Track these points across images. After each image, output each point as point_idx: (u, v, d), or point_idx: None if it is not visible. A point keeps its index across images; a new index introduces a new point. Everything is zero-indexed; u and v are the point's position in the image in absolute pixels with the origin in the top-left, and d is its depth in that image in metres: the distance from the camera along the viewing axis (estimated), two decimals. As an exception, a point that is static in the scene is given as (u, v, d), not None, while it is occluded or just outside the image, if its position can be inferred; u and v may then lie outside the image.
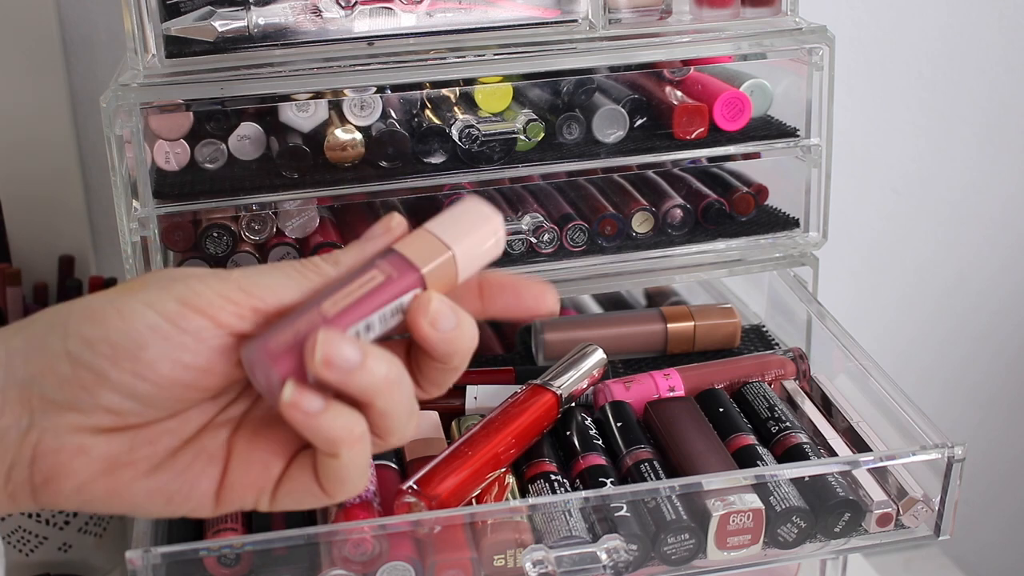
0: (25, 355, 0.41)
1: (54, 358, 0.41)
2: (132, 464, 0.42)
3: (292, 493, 0.45)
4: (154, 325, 0.40)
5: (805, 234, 0.77)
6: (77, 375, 0.40)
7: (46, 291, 0.90)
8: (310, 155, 0.69)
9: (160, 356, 0.40)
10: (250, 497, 0.44)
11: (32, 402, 0.41)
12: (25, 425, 0.41)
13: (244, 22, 0.65)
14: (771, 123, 0.77)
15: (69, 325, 0.41)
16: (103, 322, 0.41)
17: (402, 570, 0.56)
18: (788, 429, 0.65)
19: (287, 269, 0.44)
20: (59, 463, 0.41)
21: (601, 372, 0.69)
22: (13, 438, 0.41)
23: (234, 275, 0.43)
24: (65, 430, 0.41)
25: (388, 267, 0.45)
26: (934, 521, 0.61)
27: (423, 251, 0.46)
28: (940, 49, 1.08)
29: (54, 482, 0.42)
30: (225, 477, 0.44)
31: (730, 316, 0.78)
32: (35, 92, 0.89)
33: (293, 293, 0.43)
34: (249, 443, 0.44)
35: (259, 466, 0.44)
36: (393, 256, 0.45)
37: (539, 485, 0.62)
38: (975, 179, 1.14)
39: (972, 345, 1.22)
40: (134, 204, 0.67)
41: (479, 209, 0.48)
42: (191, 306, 0.41)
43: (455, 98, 0.72)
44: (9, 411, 0.41)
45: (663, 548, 0.58)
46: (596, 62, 0.70)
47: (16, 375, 0.41)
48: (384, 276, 0.44)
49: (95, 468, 0.42)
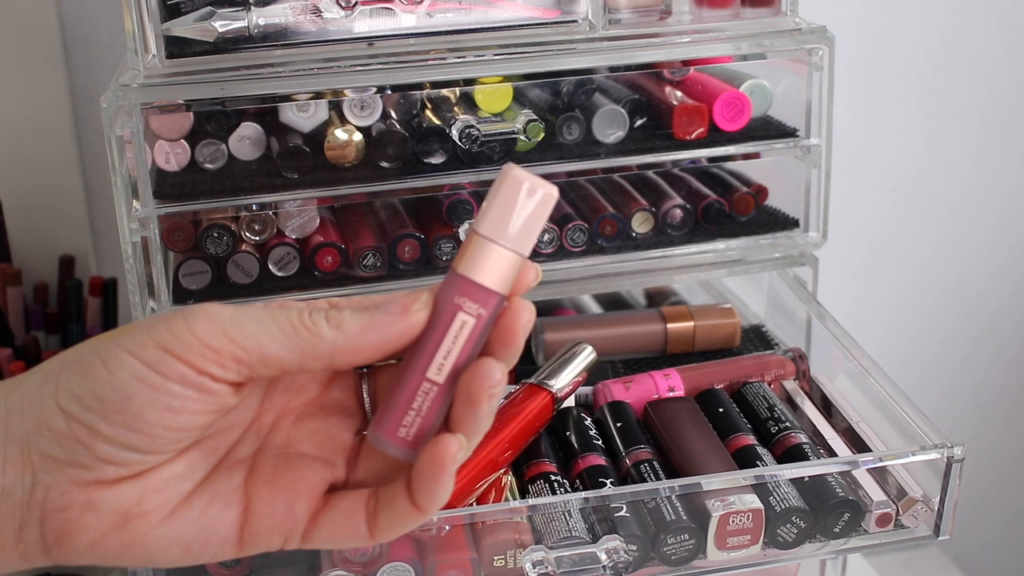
0: (21, 411, 0.41)
1: (48, 413, 0.40)
2: (144, 515, 0.42)
3: (333, 538, 0.44)
4: (137, 374, 0.40)
5: (805, 234, 0.77)
6: (71, 429, 0.40)
7: (46, 291, 0.91)
8: (310, 155, 0.69)
9: (147, 404, 0.40)
10: (277, 539, 0.44)
11: (32, 459, 0.40)
12: (29, 483, 0.40)
13: (244, 22, 0.65)
14: (771, 123, 0.77)
15: (60, 379, 0.40)
16: (90, 374, 0.40)
17: (402, 571, 0.56)
18: (788, 429, 0.65)
19: (281, 321, 0.41)
20: (69, 520, 0.41)
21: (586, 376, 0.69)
22: (19, 497, 0.41)
23: (223, 315, 0.41)
24: (69, 486, 0.40)
25: (473, 306, 0.42)
26: (933, 521, 0.61)
27: (491, 267, 0.42)
28: (940, 49, 1.08)
29: (67, 539, 0.41)
30: (247, 521, 0.43)
31: (730, 316, 0.78)
32: (35, 92, 0.89)
33: (280, 349, 0.41)
34: (269, 485, 0.44)
35: (283, 508, 0.43)
36: (469, 287, 0.42)
37: (539, 485, 0.62)
38: (975, 179, 1.14)
39: (972, 345, 1.22)
40: (134, 204, 0.67)
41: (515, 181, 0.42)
42: (172, 352, 0.40)
43: (455, 98, 0.72)
44: (11, 469, 0.40)
45: (663, 548, 0.58)
46: (596, 62, 0.70)
47: (14, 432, 0.40)
48: (474, 319, 0.42)
49: (107, 522, 0.41)
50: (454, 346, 0.42)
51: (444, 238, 0.73)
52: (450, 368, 0.42)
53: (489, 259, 0.42)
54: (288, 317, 0.41)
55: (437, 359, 0.42)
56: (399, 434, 0.42)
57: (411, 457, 0.42)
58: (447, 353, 0.42)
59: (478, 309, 0.42)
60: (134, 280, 0.68)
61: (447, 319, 0.42)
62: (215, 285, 0.71)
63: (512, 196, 0.42)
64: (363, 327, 0.41)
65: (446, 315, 0.42)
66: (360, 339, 0.41)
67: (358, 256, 0.72)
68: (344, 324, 0.41)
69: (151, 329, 0.40)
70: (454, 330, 0.42)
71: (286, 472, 0.44)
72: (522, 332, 0.42)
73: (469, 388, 0.41)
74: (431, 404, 0.42)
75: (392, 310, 0.42)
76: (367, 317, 0.42)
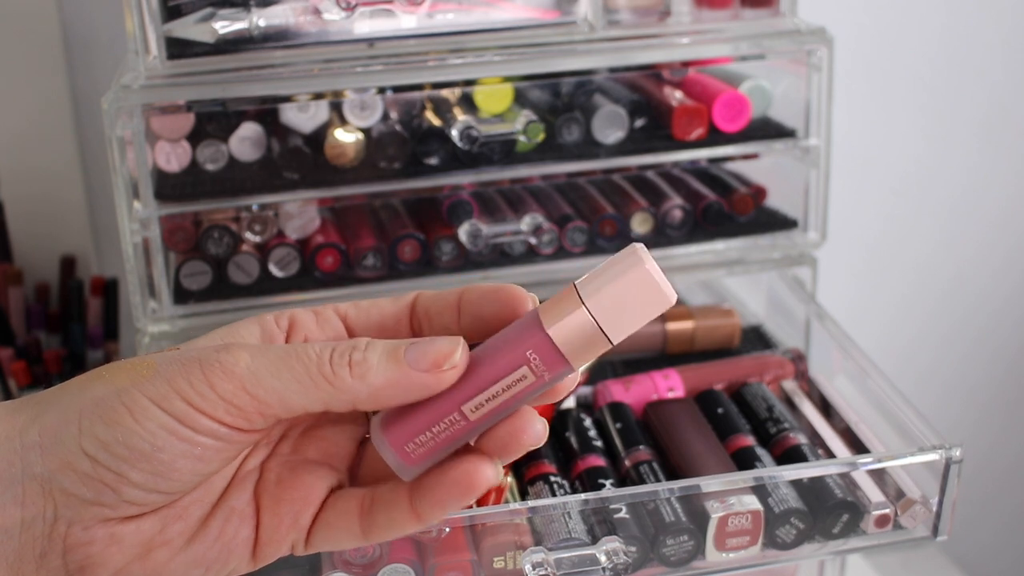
0: (42, 449, 0.40)
1: (72, 455, 0.40)
2: (167, 543, 0.42)
3: (329, 539, 0.43)
4: (166, 426, 0.39)
5: (804, 234, 0.78)
6: (98, 473, 0.40)
7: (48, 291, 0.91)
8: (311, 156, 0.69)
9: (178, 456, 0.39)
10: (284, 547, 0.44)
11: (55, 495, 0.40)
12: (51, 517, 0.40)
13: (245, 23, 0.66)
14: (770, 124, 0.77)
15: (82, 423, 0.40)
16: (117, 422, 0.39)
17: (402, 572, 0.56)
18: (787, 430, 0.66)
19: (299, 372, 0.39)
20: (92, 554, 0.41)
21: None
22: (40, 529, 0.40)
23: (240, 369, 0.39)
24: (93, 522, 0.40)
25: (541, 366, 0.39)
26: (932, 522, 0.61)
27: (579, 343, 0.38)
28: (939, 50, 1.08)
29: (89, 570, 0.41)
30: (259, 534, 0.43)
31: (729, 316, 0.78)
32: (37, 93, 0.89)
33: (302, 400, 0.39)
34: (274, 496, 0.43)
35: (289, 519, 0.43)
36: (548, 349, 0.38)
37: (538, 487, 0.62)
38: (974, 180, 1.14)
39: (971, 346, 1.22)
40: (135, 205, 0.67)
41: (645, 276, 0.38)
42: (197, 408, 0.39)
43: (455, 99, 0.73)
44: (31, 503, 0.40)
45: (662, 550, 0.59)
46: (596, 63, 0.70)
47: (34, 469, 0.40)
48: (535, 378, 0.39)
49: (130, 554, 0.41)
50: (502, 394, 0.39)
51: (444, 238, 0.73)
52: (486, 412, 0.39)
53: (582, 335, 0.38)
54: (307, 368, 0.39)
55: (479, 398, 0.39)
56: (405, 448, 0.40)
57: (403, 471, 0.41)
58: (492, 397, 0.39)
59: (544, 371, 0.39)
60: (135, 280, 0.68)
61: (509, 366, 0.39)
62: (216, 285, 0.71)
63: (633, 287, 0.38)
64: (387, 382, 0.39)
65: (510, 361, 0.39)
66: (383, 394, 0.39)
67: (358, 256, 0.72)
68: (368, 376, 0.39)
69: (171, 380, 0.39)
70: (511, 379, 0.39)
71: (291, 481, 0.44)
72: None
73: (509, 437, 0.40)
74: (450, 435, 0.40)
75: (421, 365, 0.39)
76: (392, 370, 0.39)
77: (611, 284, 0.38)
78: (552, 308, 0.39)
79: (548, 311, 0.39)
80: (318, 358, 0.39)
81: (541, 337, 0.39)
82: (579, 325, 0.38)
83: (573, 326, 0.38)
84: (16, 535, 0.40)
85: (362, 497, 0.43)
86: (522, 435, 0.40)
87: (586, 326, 0.38)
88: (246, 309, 0.71)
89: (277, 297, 0.71)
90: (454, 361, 0.39)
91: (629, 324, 0.38)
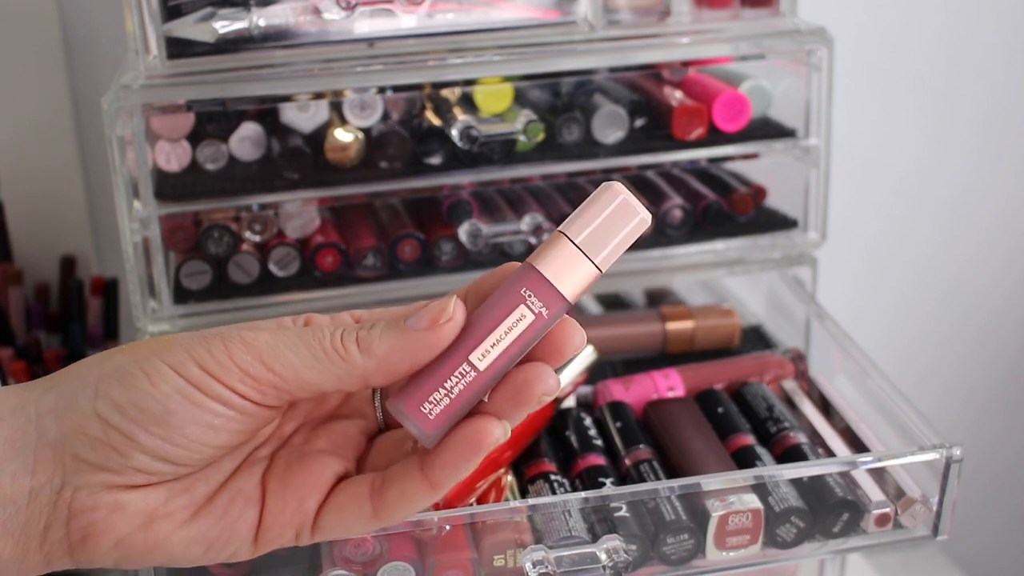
0: (56, 415, 0.41)
1: (85, 418, 0.41)
2: (170, 515, 0.42)
3: (339, 523, 0.44)
4: (181, 389, 0.40)
5: (804, 234, 0.78)
6: (108, 437, 0.40)
7: (48, 291, 0.91)
8: (311, 156, 0.69)
9: (188, 420, 0.40)
10: (289, 534, 0.44)
11: (65, 461, 0.41)
12: (58, 484, 0.41)
13: (245, 23, 0.66)
14: (770, 124, 0.77)
15: (99, 386, 0.41)
16: (133, 385, 0.40)
17: (402, 570, 0.56)
18: (787, 429, 0.66)
19: (314, 347, 0.41)
20: (96, 520, 0.41)
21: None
22: (47, 497, 0.41)
23: (260, 342, 0.41)
24: (99, 488, 0.41)
25: (538, 302, 0.41)
26: (932, 521, 0.61)
27: (569, 272, 0.41)
28: (939, 50, 1.08)
29: (92, 539, 0.41)
30: (263, 518, 0.44)
31: (729, 316, 0.78)
32: (37, 93, 0.89)
33: (316, 376, 0.41)
34: (281, 481, 0.44)
35: (294, 504, 0.44)
36: (540, 283, 0.41)
37: (539, 485, 0.62)
38: (974, 180, 1.14)
39: (971, 345, 1.22)
40: (135, 204, 0.67)
41: (615, 196, 0.41)
42: (213, 374, 0.40)
43: (455, 99, 0.73)
44: (42, 470, 0.41)
45: (662, 548, 0.59)
46: (596, 63, 0.71)
47: (48, 435, 0.41)
48: (534, 316, 0.41)
49: (133, 523, 0.42)
50: (506, 337, 0.41)
51: (444, 238, 0.73)
52: (494, 358, 0.41)
53: (569, 264, 0.41)
54: (321, 343, 0.41)
55: (485, 344, 0.41)
56: (422, 409, 0.41)
57: (424, 437, 0.41)
58: (496, 342, 0.41)
59: (541, 307, 0.41)
60: (135, 280, 0.68)
61: (507, 308, 0.41)
62: (216, 285, 0.71)
63: (609, 211, 0.41)
64: (391, 348, 0.41)
65: (507, 303, 0.41)
66: (390, 361, 0.41)
67: (358, 256, 0.72)
68: (373, 347, 0.41)
69: (191, 348, 0.41)
70: (511, 320, 0.41)
71: (299, 468, 0.44)
72: (571, 350, 0.42)
73: (521, 386, 0.41)
74: (463, 389, 0.41)
75: (419, 325, 0.41)
76: (395, 337, 0.41)
77: (587, 212, 0.41)
78: (540, 250, 0.42)
79: (537, 253, 0.42)
80: (331, 335, 0.41)
81: (532, 274, 0.41)
82: (565, 255, 0.41)
83: (559, 257, 0.41)
84: (24, 507, 0.41)
85: (372, 479, 0.44)
86: (535, 384, 0.41)
87: (571, 254, 0.41)
88: (246, 309, 0.71)
89: (277, 297, 0.71)
90: (449, 313, 0.41)
91: (610, 247, 0.41)
